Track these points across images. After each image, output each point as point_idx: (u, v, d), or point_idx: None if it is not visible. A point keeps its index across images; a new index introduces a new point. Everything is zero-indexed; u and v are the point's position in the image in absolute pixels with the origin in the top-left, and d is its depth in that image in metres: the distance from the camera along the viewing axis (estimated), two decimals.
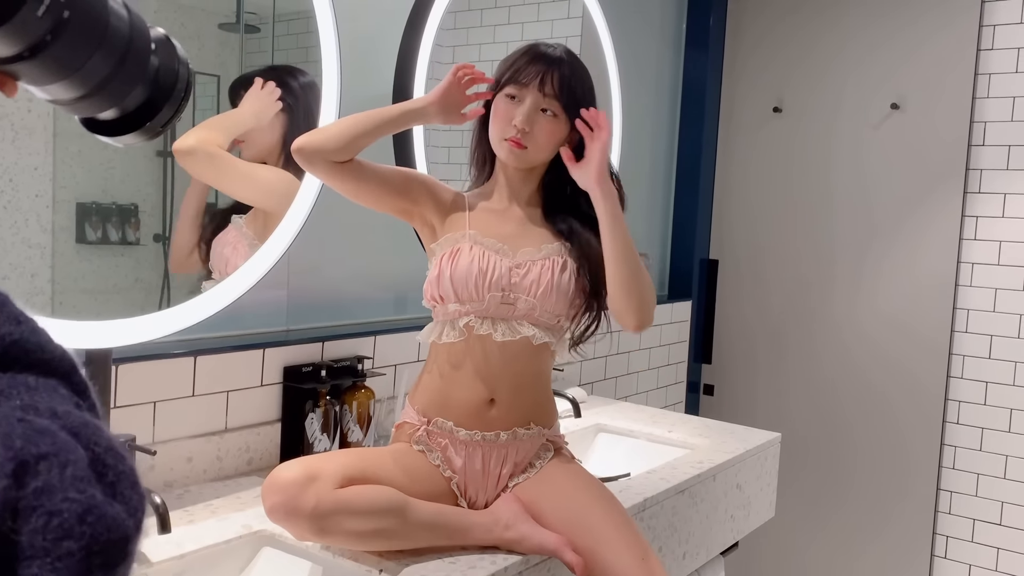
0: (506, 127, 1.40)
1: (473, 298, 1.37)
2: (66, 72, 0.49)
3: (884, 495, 2.93)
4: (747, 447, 2.02)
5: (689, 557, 1.81)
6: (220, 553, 1.31)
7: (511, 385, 1.40)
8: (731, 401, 3.22)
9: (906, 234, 2.87)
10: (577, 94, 1.41)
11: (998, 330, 2.75)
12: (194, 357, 1.53)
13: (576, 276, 1.41)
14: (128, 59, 0.52)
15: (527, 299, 1.38)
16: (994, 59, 2.73)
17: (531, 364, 1.42)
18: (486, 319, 1.38)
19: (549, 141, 1.41)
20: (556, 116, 1.40)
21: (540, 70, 1.39)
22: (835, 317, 3.01)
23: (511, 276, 1.38)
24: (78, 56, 0.49)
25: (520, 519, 1.32)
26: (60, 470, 0.32)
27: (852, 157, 2.96)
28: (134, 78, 0.53)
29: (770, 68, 3.10)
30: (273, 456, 1.66)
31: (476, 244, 1.40)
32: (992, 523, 2.78)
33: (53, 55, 0.47)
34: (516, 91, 1.40)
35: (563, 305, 1.41)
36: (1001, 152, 2.73)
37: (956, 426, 2.83)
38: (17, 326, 0.36)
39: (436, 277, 1.39)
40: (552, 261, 1.41)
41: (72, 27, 0.47)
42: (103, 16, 0.50)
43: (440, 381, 1.41)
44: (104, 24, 0.50)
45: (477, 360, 1.39)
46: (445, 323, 1.41)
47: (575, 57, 1.45)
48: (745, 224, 3.18)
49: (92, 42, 0.50)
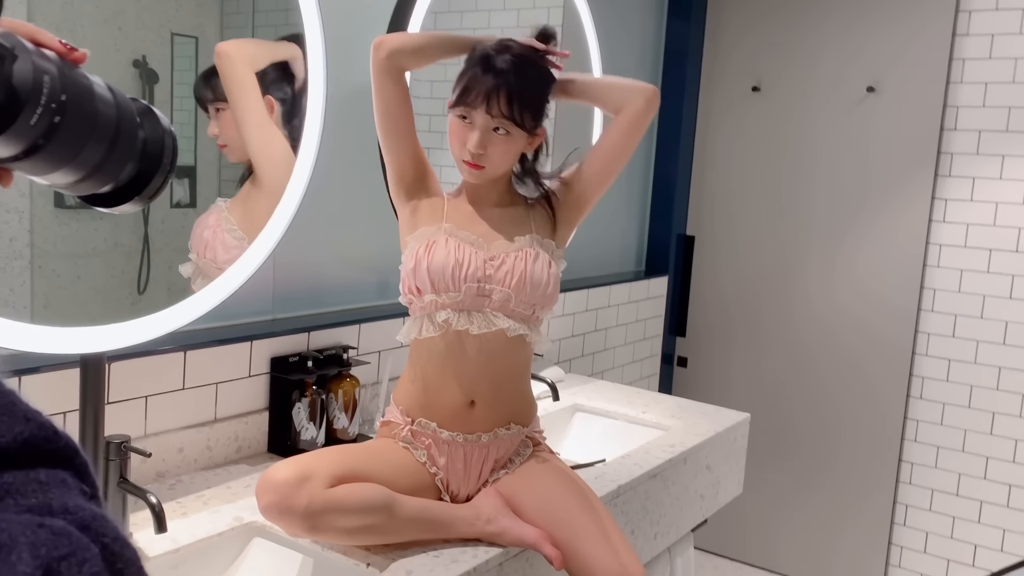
0: (461, 149, 1.42)
1: (450, 289, 1.41)
2: (60, 164, 0.53)
3: (850, 464, 3.05)
4: (717, 428, 2.10)
5: (660, 537, 1.90)
6: (213, 545, 1.37)
7: (490, 386, 1.46)
8: (704, 373, 3.31)
9: (878, 215, 2.94)
10: (530, 106, 1.41)
11: (962, 310, 2.84)
12: (184, 352, 1.57)
13: (548, 267, 1.46)
14: (118, 141, 0.56)
15: (502, 290, 1.43)
16: (969, 44, 2.78)
17: (509, 362, 1.48)
18: (463, 312, 1.43)
19: (505, 158, 1.43)
20: (509, 133, 1.41)
21: (487, 90, 1.37)
22: (806, 294, 3.09)
23: (486, 268, 1.43)
24: (71, 150, 0.53)
25: (501, 513, 1.39)
26: (79, 568, 0.37)
27: (828, 138, 3.01)
28: (125, 156, 0.57)
29: (750, 47, 3.13)
30: (261, 444, 1.71)
31: (451, 237, 1.44)
32: (950, 493, 2.90)
33: (47, 153, 0.51)
34: (466, 112, 1.41)
35: (537, 295, 1.45)
36: (972, 137, 2.79)
37: (919, 401, 2.94)
38: (27, 424, 0.40)
39: (413, 268, 1.43)
40: (525, 252, 1.46)
41: (63, 128, 0.51)
42: (92, 110, 0.53)
43: (422, 384, 1.47)
44: (93, 116, 0.53)
45: (457, 360, 1.44)
46: (423, 318, 1.45)
47: (524, 60, 1.42)
48: (722, 201, 3.24)
49: (83, 135, 0.53)
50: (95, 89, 0.54)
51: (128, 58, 1.47)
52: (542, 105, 1.45)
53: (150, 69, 1.50)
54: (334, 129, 1.84)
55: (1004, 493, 2.82)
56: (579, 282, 2.66)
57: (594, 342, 2.76)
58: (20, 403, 0.41)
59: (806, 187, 3.07)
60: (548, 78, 1.47)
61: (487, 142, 1.40)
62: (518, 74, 1.39)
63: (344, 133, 1.90)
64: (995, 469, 2.83)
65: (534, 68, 1.44)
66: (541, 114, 1.46)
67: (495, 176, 1.46)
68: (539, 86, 1.45)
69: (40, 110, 0.49)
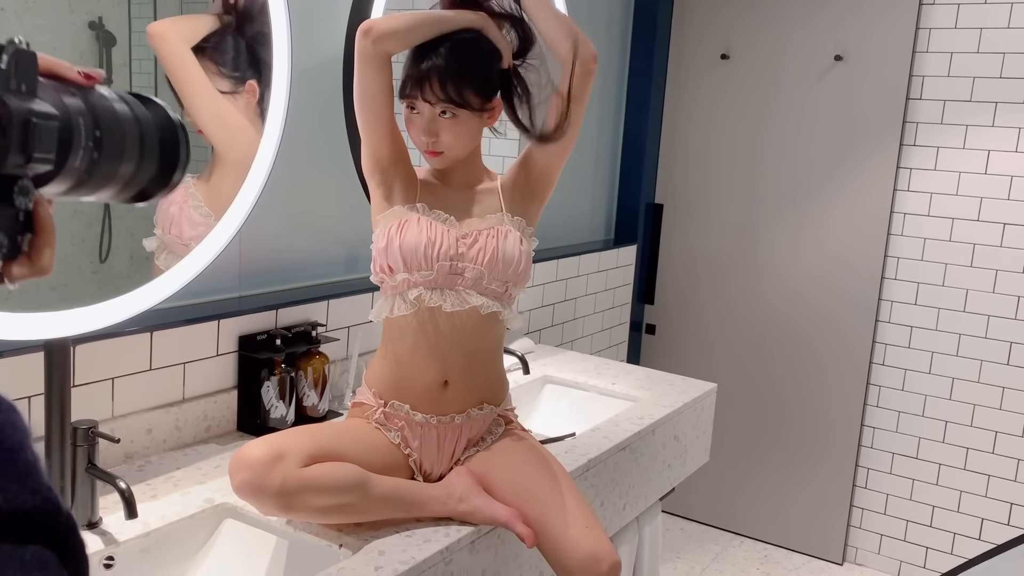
0: (417, 139, 1.43)
1: (422, 267, 1.41)
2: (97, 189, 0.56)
3: (813, 429, 3.11)
4: (685, 399, 2.13)
5: (629, 507, 1.93)
6: (184, 527, 1.37)
7: (464, 365, 1.46)
8: (672, 340, 3.34)
9: (844, 183, 2.97)
10: (470, 83, 1.39)
11: (924, 278, 2.89)
12: (150, 333, 1.55)
13: (519, 244, 1.46)
14: (144, 152, 0.58)
15: (475, 268, 1.43)
16: (935, 13, 2.79)
17: (482, 340, 1.48)
18: (435, 290, 1.43)
19: (459, 139, 1.42)
20: (455, 115, 1.40)
21: (417, 77, 1.38)
22: (773, 261, 3.12)
23: (458, 246, 1.43)
24: (107, 176, 0.55)
25: (473, 492, 1.40)
26: None
27: (796, 106, 3.02)
28: (150, 162, 0.59)
29: (719, 14, 3.12)
30: (231, 423, 1.71)
31: (423, 215, 1.43)
32: (909, 456, 2.98)
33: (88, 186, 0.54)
34: (411, 103, 1.41)
35: (509, 272, 1.45)
36: (936, 106, 2.82)
37: (881, 367, 3.00)
38: (33, 496, 0.40)
39: (385, 247, 1.42)
40: (496, 230, 1.45)
41: (102, 160, 0.54)
42: (120, 132, 0.55)
43: (395, 365, 1.47)
44: (122, 139, 0.55)
45: (430, 339, 1.44)
46: (395, 297, 1.45)
47: (461, 40, 1.39)
48: (690, 169, 3.25)
49: (117, 159, 0.55)
50: (116, 109, 0.56)
51: (83, 20, 1.42)
52: (486, 80, 1.42)
53: (107, 31, 1.45)
54: (297, 100, 1.81)
55: (961, 456, 2.90)
56: (549, 252, 2.67)
57: (564, 312, 2.77)
58: (34, 474, 0.41)
59: (774, 155, 3.08)
60: (490, 52, 1.43)
61: (435, 128, 1.40)
62: (452, 55, 1.38)
63: (308, 104, 1.87)
64: (953, 433, 2.91)
65: (470, 45, 1.41)
66: (488, 89, 1.42)
67: (458, 158, 1.45)
68: (478, 62, 1.41)
69: (81, 152, 0.52)
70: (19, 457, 0.40)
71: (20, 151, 0.47)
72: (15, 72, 0.48)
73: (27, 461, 0.40)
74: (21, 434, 0.41)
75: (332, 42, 1.90)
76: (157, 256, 1.54)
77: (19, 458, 0.40)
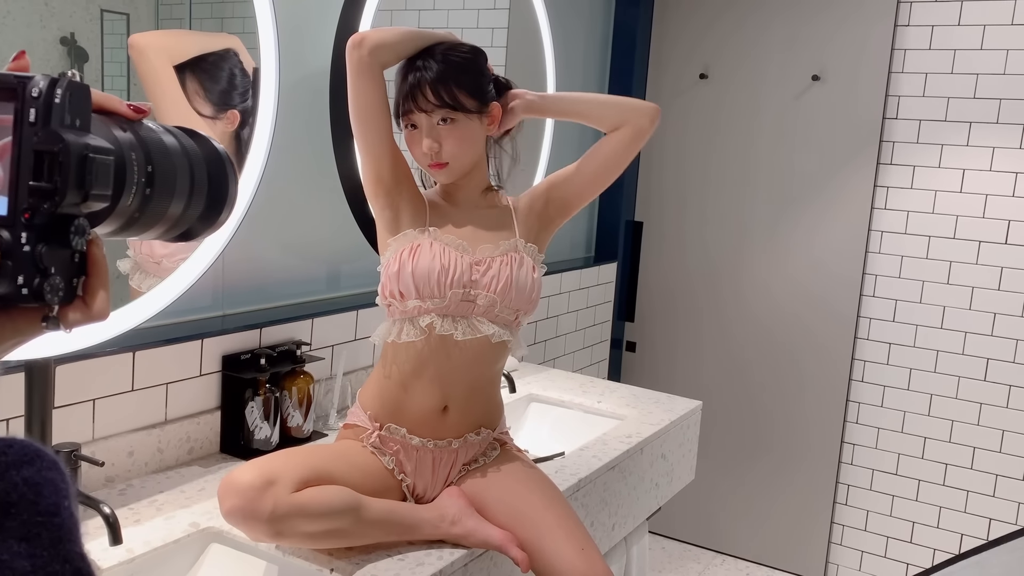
0: (420, 156, 1.42)
1: (435, 295, 1.38)
2: (150, 226, 0.54)
3: (793, 446, 3.12)
4: (672, 417, 2.12)
5: (618, 527, 1.91)
6: (169, 553, 1.33)
7: (466, 392, 1.44)
8: (652, 357, 3.34)
9: (822, 202, 3.00)
10: (462, 85, 1.38)
11: (902, 295, 2.92)
12: (132, 353, 1.51)
13: (532, 271, 1.45)
14: (194, 187, 0.55)
15: (487, 295, 1.40)
16: (910, 35, 2.83)
17: (486, 368, 1.46)
18: (447, 317, 1.40)
19: (462, 145, 1.41)
20: (454, 120, 1.39)
21: (410, 91, 1.37)
22: (752, 279, 3.14)
23: (472, 272, 1.40)
24: (159, 213, 0.53)
25: (466, 514, 1.37)
26: None
27: (774, 125, 3.05)
28: (200, 196, 0.56)
29: (698, 34, 3.14)
30: (214, 444, 1.67)
31: (436, 241, 1.41)
32: (889, 472, 2.99)
33: (141, 223, 0.52)
34: (409, 120, 1.40)
35: (521, 300, 1.44)
36: (912, 126, 2.86)
37: (860, 384, 3.02)
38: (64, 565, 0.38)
39: (396, 273, 1.39)
40: (510, 257, 1.44)
41: (154, 196, 0.52)
42: (171, 167, 0.53)
43: (395, 387, 1.43)
44: (173, 173, 0.53)
45: (435, 365, 1.42)
46: (404, 321, 1.41)
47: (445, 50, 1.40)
48: (669, 188, 3.26)
49: (169, 195, 0.53)
50: (165, 142, 0.54)
51: (55, 35, 1.40)
52: (478, 81, 1.41)
53: (79, 47, 1.43)
54: (281, 116, 1.79)
55: (940, 472, 2.92)
56: None
57: (546, 329, 2.76)
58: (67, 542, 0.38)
59: (752, 174, 3.10)
60: (476, 54, 1.44)
61: (436, 137, 1.39)
62: (438, 61, 1.38)
63: (292, 120, 1.84)
64: (932, 449, 2.93)
65: (455, 51, 1.41)
66: (481, 90, 1.41)
67: (463, 168, 1.44)
68: (466, 65, 1.41)
69: (134, 189, 0.50)
70: (54, 522, 0.38)
71: (78, 188, 0.45)
72: (69, 106, 0.45)
73: (62, 526, 0.38)
74: (60, 495, 0.39)
75: (319, 57, 1.88)
76: (131, 277, 1.51)
77: (54, 523, 0.38)
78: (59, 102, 0.45)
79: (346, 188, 1.96)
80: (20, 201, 0.44)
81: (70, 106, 0.45)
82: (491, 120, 1.45)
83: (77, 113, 0.46)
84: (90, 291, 0.49)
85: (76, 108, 0.46)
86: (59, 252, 0.46)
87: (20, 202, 0.44)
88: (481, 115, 1.42)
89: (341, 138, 1.92)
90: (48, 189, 0.44)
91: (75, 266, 0.48)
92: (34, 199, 0.44)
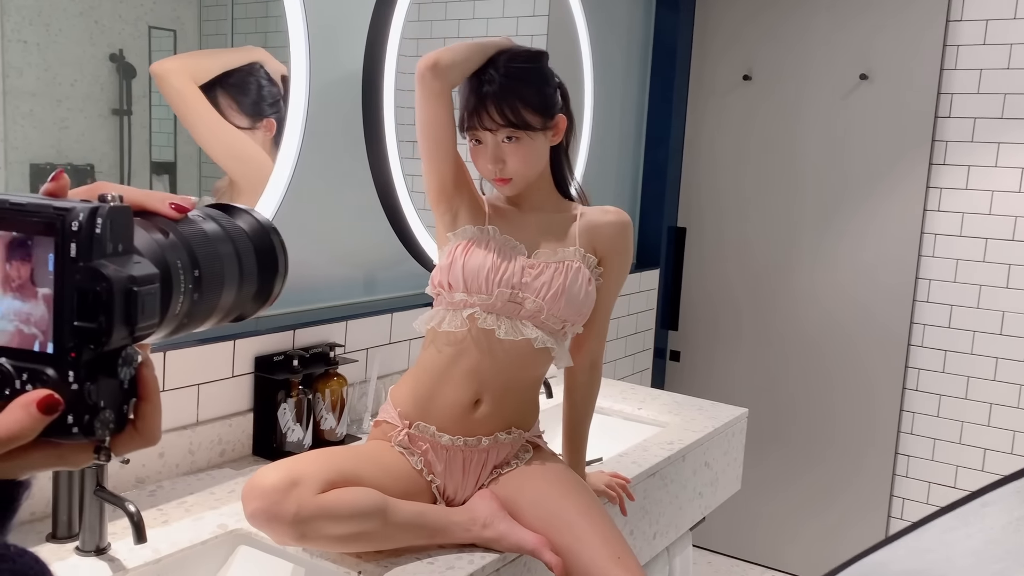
0: (484, 170, 1.41)
1: (482, 291, 1.37)
2: (200, 324, 0.51)
3: (845, 459, 3.01)
4: (716, 424, 2.05)
5: (659, 536, 1.85)
6: (196, 554, 1.30)
7: (500, 389, 1.40)
8: (697, 367, 3.26)
9: (872, 204, 2.90)
10: (528, 103, 1.37)
11: (958, 300, 2.81)
12: (163, 352, 1.50)
13: (588, 283, 1.41)
14: (243, 273, 0.53)
15: (535, 300, 1.38)
16: (963, 30, 2.73)
17: (525, 371, 1.43)
18: (491, 314, 1.38)
19: (527, 162, 1.40)
20: (519, 138, 1.37)
21: (474, 108, 1.37)
22: (800, 285, 3.05)
23: (523, 275, 1.38)
24: (209, 310, 0.51)
25: (498, 517, 1.33)
26: None
27: (820, 127, 2.96)
28: (250, 280, 0.54)
29: (740, 34, 3.08)
30: (246, 447, 1.65)
31: (493, 239, 1.40)
32: (947, 485, 2.87)
33: (187, 327, 0.50)
34: (473, 135, 1.39)
35: (571, 311, 1.40)
36: (967, 124, 2.76)
37: (915, 392, 2.90)
38: None
39: (448, 265, 1.39)
40: (566, 266, 1.41)
41: (202, 299, 0.49)
42: (218, 260, 0.51)
43: (430, 379, 1.41)
44: (221, 267, 0.51)
45: (473, 357, 1.39)
46: (448, 311, 1.40)
47: (510, 66, 1.38)
48: (713, 192, 3.19)
49: (218, 290, 0.51)
50: (208, 232, 0.51)
51: (105, 52, 1.44)
52: (543, 96, 1.40)
53: (127, 63, 1.47)
54: (318, 122, 1.78)
55: None
56: None
57: None
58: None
59: (798, 177, 3.02)
60: (538, 59, 1.42)
61: (501, 155, 1.38)
62: (504, 79, 1.36)
63: (328, 126, 1.83)
64: (993, 461, 2.80)
65: (520, 66, 1.39)
66: (546, 106, 1.40)
67: (527, 183, 1.43)
68: (530, 76, 1.39)
69: (182, 298, 0.47)
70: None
71: (124, 324, 0.43)
72: (111, 234, 0.43)
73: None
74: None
75: (352, 61, 1.87)
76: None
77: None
78: (100, 232, 0.43)
79: (380, 192, 1.95)
80: (65, 340, 0.42)
81: (111, 234, 0.43)
82: (556, 133, 1.43)
83: (119, 238, 0.44)
84: (141, 415, 0.47)
85: (118, 233, 0.44)
86: (108, 384, 0.44)
87: (65, 341, 0.42)
88: (546, 130, 1.40)
89: (374, 145, 1.90)
90: (93, 329, 0.42)
91: (125, 393, 0.46)
92: (79, 339, 0.42)
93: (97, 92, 1.43)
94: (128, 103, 1.48)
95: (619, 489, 1.56)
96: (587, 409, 1.55)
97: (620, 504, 1.55)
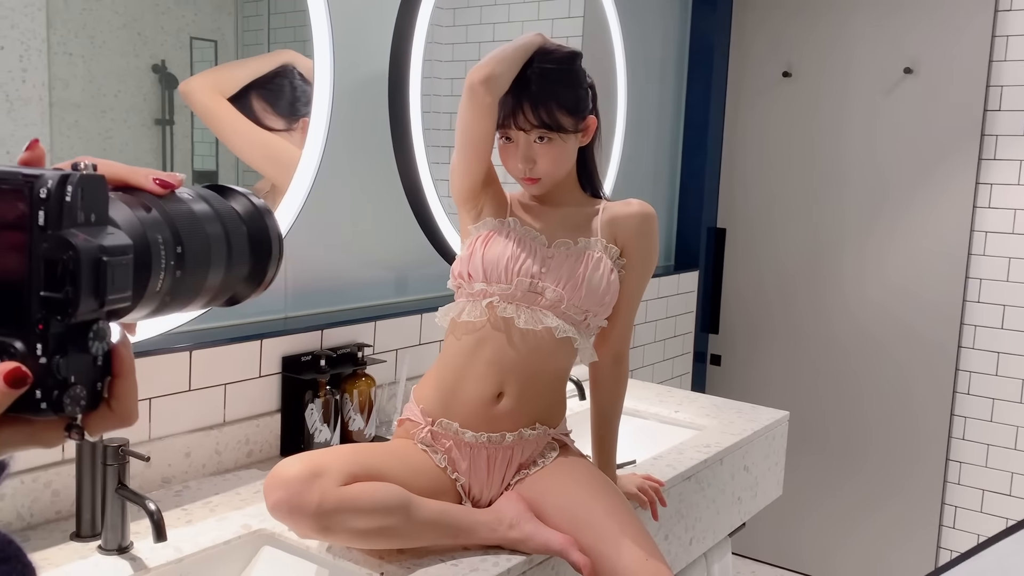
0: (513, 169, 1.41)
1: (501, 280, 1.36)
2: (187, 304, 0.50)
3: (892, 464, 2.91)
4: (755, 427, 1.99)
5: (696, 542, 1.80)
6: (219, 554, 1.29)
7: (523, 382, 1.38)
8: (738, 371, 3.19)
9: (918, 202, 2.81)
10: (562, 105, 1.36)
11: (1011, 300, 2.70)
12: (190, 351, 1.49)
13: (609, 273, 1.38)
14: (232, 254, 0.51)
15: (555, 289, 1.37)
16: (1012, 20, 2.64)
17: (548, 363, 1.40)
18: (510, 303, 1.37)
19: (557, 162, 1.39)
20: (551, 139, 1.37)
21: (513, 107, 1.36)
22: (844, 286, 2.96)
23: (543, 264, 1.37)
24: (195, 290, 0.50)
25: (524, 518, 1.30)
26: None
27: (863, 123, 2.88)
28: (241, 263, 0.52)
29: (779, 31, 3.01)
30: (273, 448, 1.64)
31: (513, 230, 1.41)
32: (1002, 493, 2.76)
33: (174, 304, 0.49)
34: (505, 133, 1.39)
35: (592, 301, 1.38)
36: (1018, 117, 2.66)
37: (967, 397, 2.80)
38: None
39: (468, 256, 1.40)
40: (587, 255, 1.39)
41: (186, 277, 0.48)
42: (204, 239, 0.49)
43: (451, 373, 1.39)
44: (207, 246, 0.49)
45: (495, 348, 1.37)
46: (468, 302, 1.39)
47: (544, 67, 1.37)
48: (753, 192, 3.12)
49: (203, 270, 0.49)
50: (195, 211, 0.50)
51: (147, 63, 1.46)
52: (576, 99, 1.39)
53: (169, 74, 1.49)
54: (347, 124, 1.77)
55: None
56: None
57: None
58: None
59: (841, 175, 2.94)
60: (572, 60, 1.40)
61: (532, 155, 1.38)
62: (539, 81, 1.36)
63: (357, 128, 1.82)
64: None
65: (556, 68, 1.38)
66: (578, 108, 1.39)
67: (557, 180, 1.43)
68: (564, 76, 1.39)
69: (162, 274, 0.46)
70: None
71: (93, 296, 0.41)
72: (82, 203, 0.42)
73: None
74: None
75: (378, 60, 1.86)
76: None
77: None
78: (70, 200, 0.41)
79: (408, 194, 1.93)
80: (33, 312, 0.41)
81: (83, 202, 0.42)
82: (585, 134, 1.43)
83: (92, 207, 0.42)
84: (116, 394, 0.45)
85: (90, 202, 0.42)
86: (79, 358, 0.43)
87: (33, 313, 0.41)
88: (577, 132, 1.40)
89: (402, 144, 1.89)
90: (60, 300, 0.41)
91: (99, 369, 0.44)
92: (46, 310, 0.41)
93: (140, 103, 1.45)
94: (170, 113, 1.50)
95: (652, 493, 1.51)
96: (614, 407, 1.51)
97: (652, 509, 1.50)
